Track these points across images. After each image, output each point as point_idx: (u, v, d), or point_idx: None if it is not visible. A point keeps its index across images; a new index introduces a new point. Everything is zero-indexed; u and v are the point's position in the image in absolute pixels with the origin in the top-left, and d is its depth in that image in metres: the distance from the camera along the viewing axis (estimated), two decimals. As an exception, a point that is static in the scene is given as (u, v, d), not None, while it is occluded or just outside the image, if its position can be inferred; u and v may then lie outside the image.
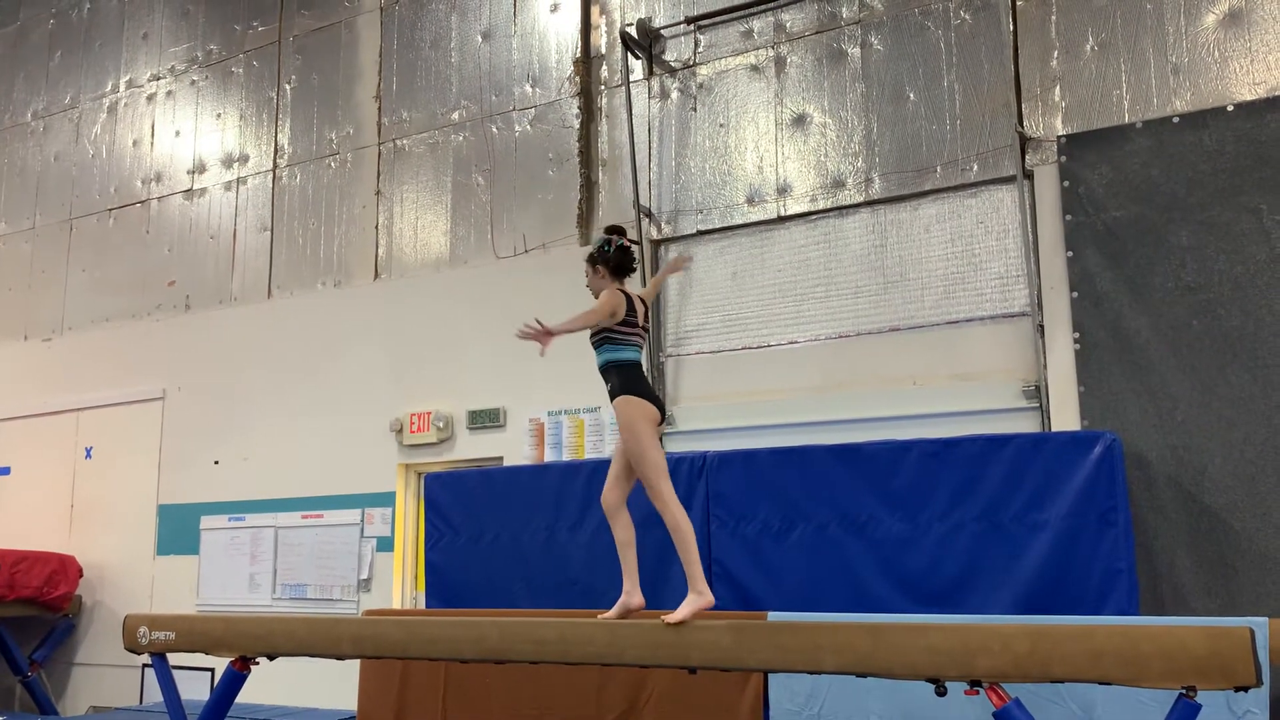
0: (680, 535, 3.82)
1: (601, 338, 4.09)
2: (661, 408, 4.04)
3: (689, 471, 5.67)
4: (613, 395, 4.02)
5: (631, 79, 7.18)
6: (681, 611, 3.74)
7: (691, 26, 7.05)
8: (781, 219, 6.59)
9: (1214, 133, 5.45)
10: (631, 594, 4.00)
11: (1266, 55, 5.48)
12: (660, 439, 4.07)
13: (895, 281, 6.20)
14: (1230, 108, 5.45)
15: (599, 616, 4.01)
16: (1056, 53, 5.97)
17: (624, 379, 4.00)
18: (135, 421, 8.85)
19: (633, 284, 4.28)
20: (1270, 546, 5.04)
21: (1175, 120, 5.56)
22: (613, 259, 4.17)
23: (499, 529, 6.20)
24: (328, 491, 7.78)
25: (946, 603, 4.97)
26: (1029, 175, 5.89)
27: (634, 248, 4.29)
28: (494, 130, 7.76)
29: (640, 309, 4.16)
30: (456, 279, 7.66)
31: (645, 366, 6.67)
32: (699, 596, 3.76)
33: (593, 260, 4.22)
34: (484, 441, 7.29)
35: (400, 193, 8.09)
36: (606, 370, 4.08)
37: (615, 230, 4.24)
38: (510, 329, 7.87)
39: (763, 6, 6.83)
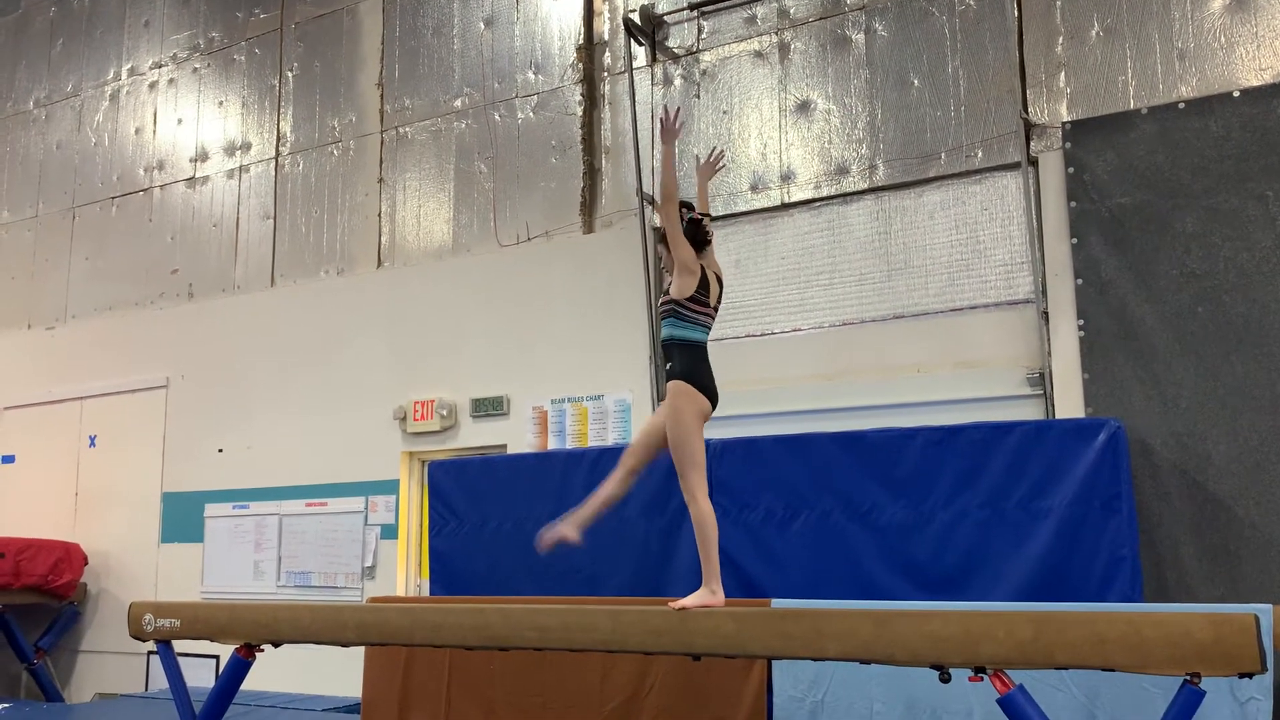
0: (703, 531, 3.79)
1: (668, 310, 3.94)
2: (715, 399, 3.92)
3: (692, 459, 5.65)
4: (669, 375, 3.90)
5: (634, 66, 7.15)
6: (689, 600, 3.74)
7: (694, 12, 7.02)
8: (785, 206, 6.57)
9: (1220, 119, 5.42)
10: (572, 526, 3.99)
11: (1273, 41, 5.45)
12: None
13: (899, 269, 6.18)
14: (1236, 93, 5.42)
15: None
16: (1061, 38, 5.94)
17: (685, 362, 3.88)
18: (139, 410, 8.87)
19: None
20: (1274, 533, 5.03)
21: (1181, 106, 5.53)
22: (685, 233, 3.94)
23: (503, 517, 6.20)
24: (332, 479, 7.79)
25: (950, 590, 4.97)
26: (1034, 162, 5.87)
27: (706, 221, 4.03)
28: (496, 117, 7.74)
29: (715, 289, 3.99)
30: (459, 267, 7.65)
31: (647, 354, 6.69)
32: (711, 594, 3.74)
33: (663, 239, 4.01)
34: (487, 429, 7.30)
35: (403, 180, 8.08)
36: (669, 347, 3.94)
37: (684, 205, 4.00)
38: (513, 317, 7.91)
39: (766, -8, 6.80)
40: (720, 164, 4.22)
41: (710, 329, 3.99)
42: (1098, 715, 4.24)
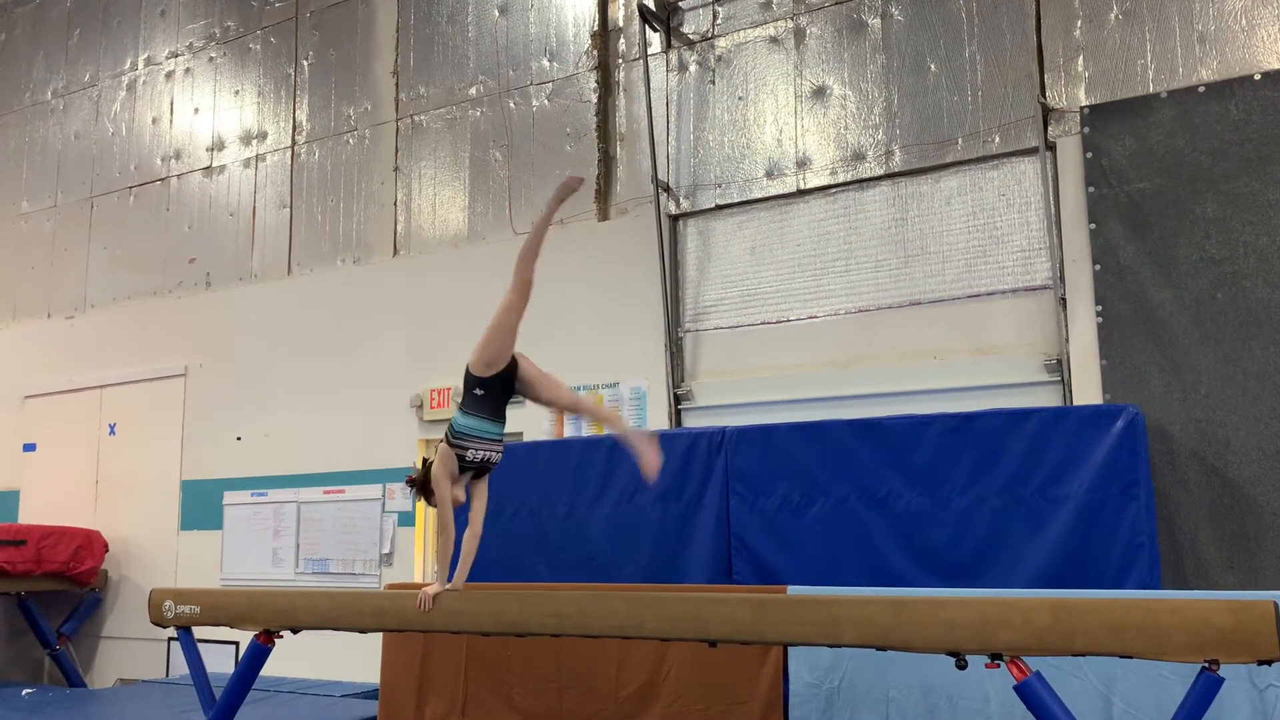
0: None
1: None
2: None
3: (707, 447, 5.67)
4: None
5: (649, 52, 7.13)
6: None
7: (710, -2, 7.00)
8: (801, 192, 6.55)
9: (1240, 102, 5.37)
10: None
11: (1295, 23, 5.39)
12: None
13: (916, 255, 6.16)
14: (1257, 76, 5.37)
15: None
16: (1080, 22, 5.88)
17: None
18: (158, 398, 8.93)
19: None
20: (1294, 520, 5.00)
21: (1201, 90, 5.48)
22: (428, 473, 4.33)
23: (519, 504, 6.21)
24: (349, 467, 7.83)
25: (967, 577, 4.96)
26: (1051, 147, 5.83)
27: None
28: (511, 105, 7.73)
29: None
30: (475, 255, 7.66)
31: (663, 342, 6.71)
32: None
33: (428, 495, 4.35)
34: (504, 417, 7.30)
35: (418, 169, 8.09)
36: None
37: (409, 482, 4.40)
38: (529, 305, 7.88)
39: (782, -23, 6.76)
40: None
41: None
42: (1115, 702, 4.23)
